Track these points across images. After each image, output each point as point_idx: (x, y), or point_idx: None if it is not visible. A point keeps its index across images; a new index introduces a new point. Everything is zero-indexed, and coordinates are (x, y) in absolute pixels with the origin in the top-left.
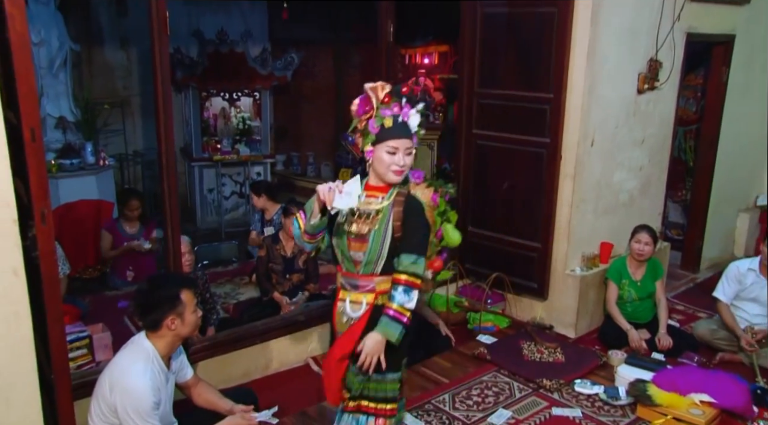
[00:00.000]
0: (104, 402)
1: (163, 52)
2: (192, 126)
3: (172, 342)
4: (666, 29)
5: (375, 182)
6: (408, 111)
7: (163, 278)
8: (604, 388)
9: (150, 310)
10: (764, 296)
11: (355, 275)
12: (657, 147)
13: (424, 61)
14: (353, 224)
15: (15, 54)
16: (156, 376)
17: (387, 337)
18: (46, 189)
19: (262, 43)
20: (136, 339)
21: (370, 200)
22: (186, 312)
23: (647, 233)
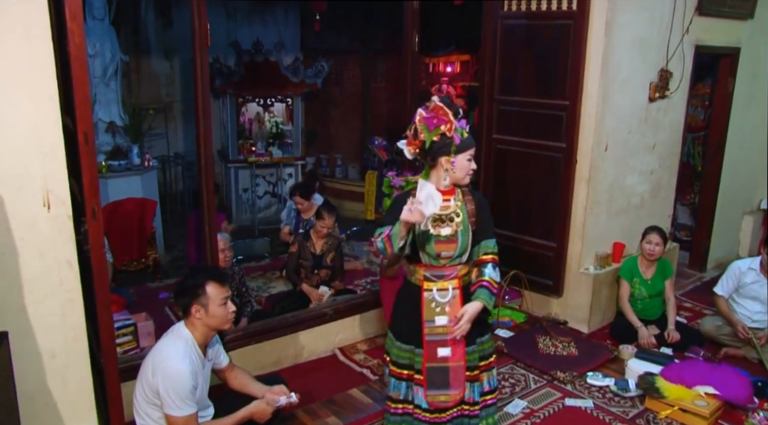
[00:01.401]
0: (147, 384)
1: (203, 61)
2: (229, 130)
3: (204, 331)
4: (676, 41)
5: (442, 186)
6: (465, 122)
7: (197, 269)
8: (615, 381)
9: (180, 296)
10: (764, 294)
11: (442, 268)
12: (667, 152)
13: (447, 69)
14: (438, 228)
15: (73, 65)
16: (194, 362)
17: (485, 304)
18: (97, 188)
19: (294, 52)
20: (176, 327)
21: (445, 205)
22: (210, 304)
23: (657, 234)
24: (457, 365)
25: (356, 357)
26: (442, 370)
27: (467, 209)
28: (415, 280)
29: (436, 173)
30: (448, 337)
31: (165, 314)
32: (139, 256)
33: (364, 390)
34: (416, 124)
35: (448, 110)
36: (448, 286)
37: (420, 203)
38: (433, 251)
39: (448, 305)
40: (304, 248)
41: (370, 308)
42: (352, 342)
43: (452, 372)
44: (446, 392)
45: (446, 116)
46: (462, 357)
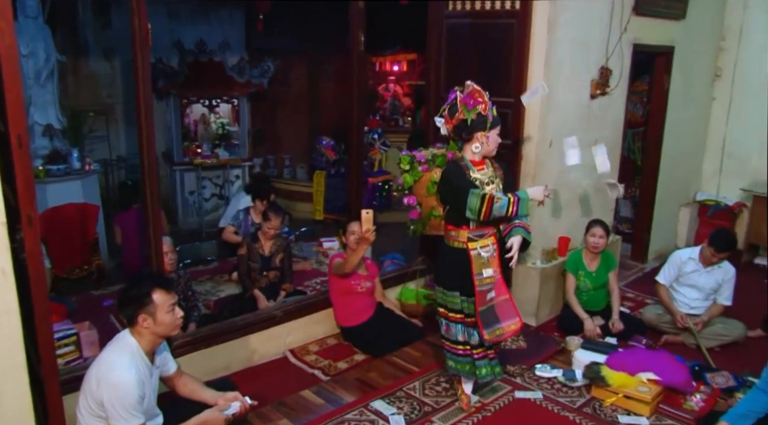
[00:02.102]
0: (91, 397)
1: (144, 62)
2: (173, 132)
3: (151, 339)
4: (615, 40)
5: (476, 158)
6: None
7: (140, 277)
8: (563, 371)
9: (124, 306)
10: (702, 283)
11: (483, 227)
12: (609, 148)
13: (394, 68)
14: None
15: (4, 65)
16: (140, 371)
17: (525, 236)
18: (32, 194)
19: (240, 52)
20: (120, 335)
21: (482, 172)
22: (158, 312)
23: (601, 227)
24: (502, 299)
25: (307, 359)
26: (490, 310)
27: (498, 174)
28: (459, 244)
29: (469, 147)
30: (495, 285)
31: (110, 323)
32: (82, 263)
33: (315, 390)
34: (456, 103)
35: (483, 92)
36: (488, 242)
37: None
38: (476, 216)
39: (491, 258)
40: (253, 250)
41: (320, 309)
42: (303, 344)
43: (498, 308)
44: (499, 326)
45: (482, 97)
46: (505, 290)
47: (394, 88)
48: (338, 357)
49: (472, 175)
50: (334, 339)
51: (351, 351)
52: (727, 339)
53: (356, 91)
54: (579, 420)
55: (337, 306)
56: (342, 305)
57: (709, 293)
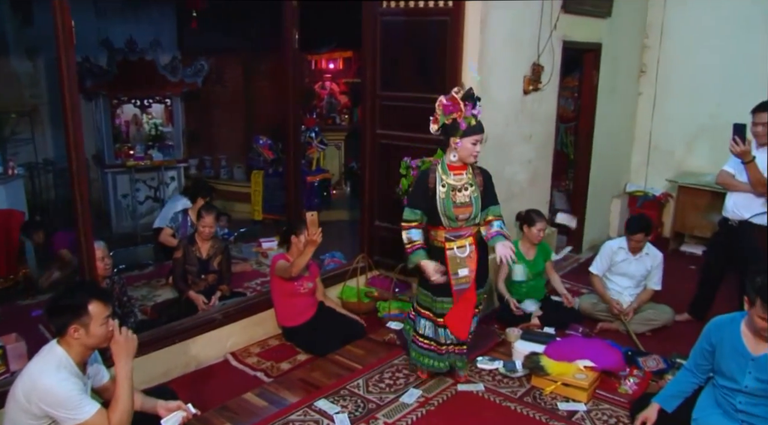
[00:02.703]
0: (23, 412)
1: (69, 61)
2: (104, 133)
3: (80, 350)
4: (545, 37)
5: (455, 162)
6: (480, 110)
7: (76, 286)
8: (503, 363)
9: (56, 315)
10: (632, 271)
11: (459, 228)
12: (542, 142)
13: (330, 66)
14: (455, 195)
15: None
16: (71, 375)
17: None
18: None
19: (172, 51)
20: (47, 346)
21: (458, 177)
22: (92, 324)
23: (543, 221)
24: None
25: (249, 361)
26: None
27: (476, 180)
28: (438, 243)
29: (449, 151)
30: (469, 284)
31: (39, 334)
32: (7, 272)
33: (258, 393)
34: (439, 106)
35: (462, 101)
36: (465, 243)
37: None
38: (453, 214)
39: (467, 258)
40: (190, 253)
41: (260, 310)
42: (244, 346)
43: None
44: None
45: (457, 105)
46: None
47: (330, 87)
48: (280, 358)
49: (444, 180)
50: (275, 339)
51: (293, 351)
52: (657, 324)
53: (292, 90)
54: (520, 409)
55: (279, 307)
56: (284, 306)
57: (639, 280)
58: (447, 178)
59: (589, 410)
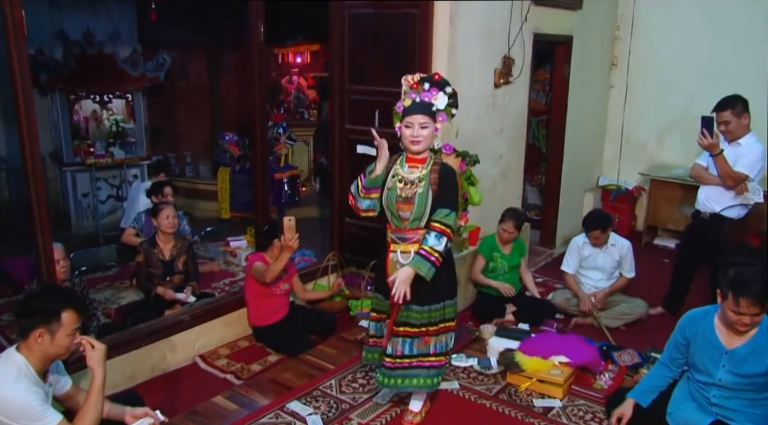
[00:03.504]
0: None
1: (20, 54)
2: (61, 130)
3: (41, 357)
4: (516, 29)
5: (411, 155)
6: (432, 93)
7: (53, 289)
8: (478, 360)
9: (25, 315)
10: (601, 263)
11: (404, 230)
12: (514, 136)
13: (297, 60)
14: (401, 189)
15: None
16: (32, 384)
17: (417, 270)
18: None
19: (132, 44)
20: (5, 352)
21: (413, 170)
22: (59, 332)
23: (512, 222)
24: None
25: (218, 363)
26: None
27: (430, 177)
28: (388, 240)
29: None
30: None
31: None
32: None
33: (228, 396)
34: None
35: (406, 83)
36: (410, 249)
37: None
38: (395, 210)
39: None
40: (152, 256)
41: (229, 310)
42: (213, 348)
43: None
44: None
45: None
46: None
47: (297, 81)
48: (251, 360)
49: (397, 170)
50: (245, 341)
51: (264, 352)
52: (631, 318)
53: (258, 85)
54: (496, 407)
55: (252, 306)
56: (257, 305)
57: (611, 271)
58: (401, 169)
59: (564, 406)
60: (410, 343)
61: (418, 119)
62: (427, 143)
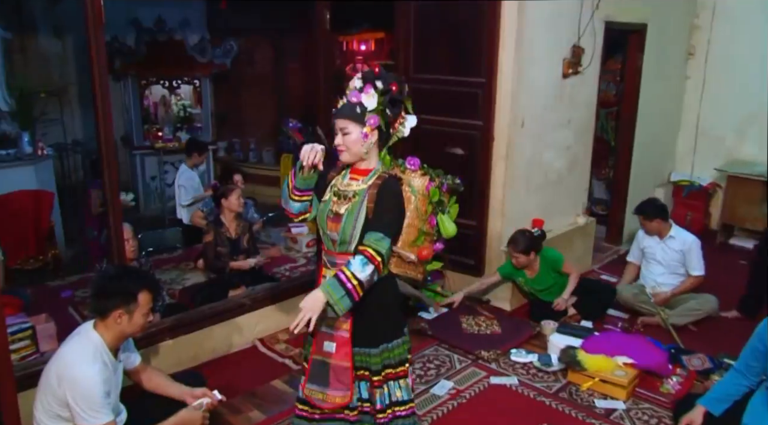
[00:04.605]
0: (52, 395)
1: (99, 40)
2: (132, 114)
3: (117, 336)
4: (586, 18)
5: (355, 165)
6: (357, 93)
7: (130, 271)
8: (538, 356)
9: (103, 297)
10: (660, 256)
11: (334, 253)
12: (582, 128)
13: (361, 47)
14: (334, 203)
15: None
16: (105, 366)
17: (327, 297)
18: None
19: (201, 31)
20: (82, 329)
21: (351, 183)
22: (136, 312)
23: (512, 247)
24: (340, 364)
25: (277, 348)
26: (324, 365)
27: (368, 192)
28: (320, 263)
29: None
30: (334, 332)
31: (69, 315)
32: (37, 253)
33: (286, 380)
34: None
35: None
36: None
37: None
38: (325, 228)
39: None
40: (220, 235)
41: (289, 296)
42: (272, 332)
43: (333, 371)
44: (323, 390)
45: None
46: (347, 357)
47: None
48: None
49: (336, 182)
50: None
51: None
52: (700, 314)
53: (322, 72)
54: (555, 405)
55: None
56: None
57: (673, 266)
58: (341, 180)
59: (628, 408)
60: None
61: (338, 123)
62: (355, 151)
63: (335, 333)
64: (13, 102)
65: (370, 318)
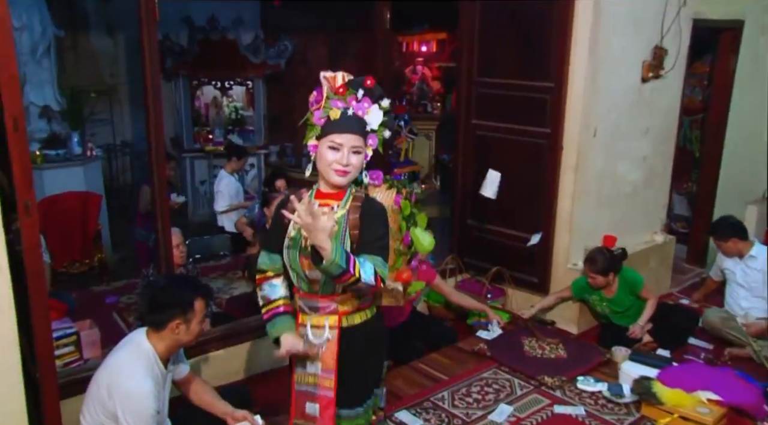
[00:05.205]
0: (101, 405)
1: (152, 39)
2: (182, 116)
3: (172, 345)
4: (671, 16)
5: (326, 187)
6: (365, 105)
7: (183, 281)
8: (608, 385)
9: (160, 308)
10: (740, 278)
11: (315, 296)
12: (662, 137)
13: (422, 48)
14: (305, 239)
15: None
16: (157, 380)
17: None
18: (29, 180)
19: (254, 30)
20: (134, 339)
21: (324, 210)
22: (194, 321)
23: (590, 266)
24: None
25: None
26: None
27: (348, 218)
28: (295, 308)
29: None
30: (318, 391)
31: (113, 321)
32: (83, 257)
33: None
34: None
35: (329, 84)
36: (324, 323)
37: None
38: (299, 268)
39: (321, 349)
40: None
41: None
42: None
43: None
44: None
45: (320, 94)
46: (331, 421)
47: (422, 71)
48: None
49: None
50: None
51: None
52: None
53: (381, 73)
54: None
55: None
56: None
57: (757, 289)
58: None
59: None
60: None
61: (350, 139)
62: (355, 174)
63: (318, 392)
64: (64, 101)
65: (355, 370)
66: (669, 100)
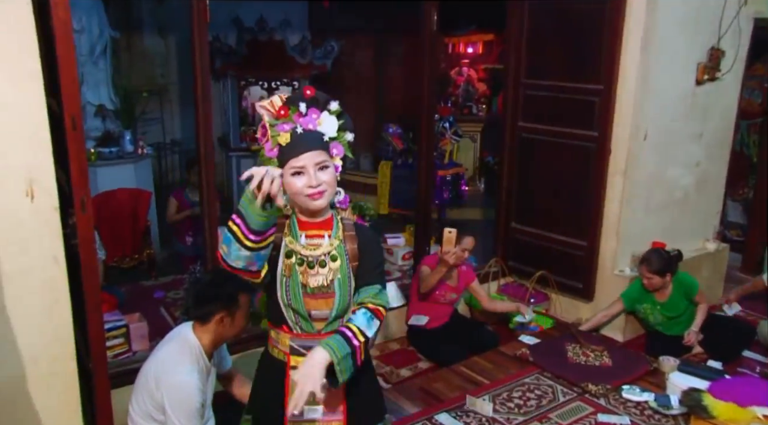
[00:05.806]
0: (149, 396)
1: (202, 40)
2: (230, 115)
3: (216, 339)
4: (730, 15)
5: (307, 217)
6: (312, 117)
7: (227, 275)
8: (655, 396)
9: (205, 302)
10: None
11: (315, 335)
12: (716, 142)
13: (468, 50)
14: (308, 276)
15: (58, 42)
16: (202, 373)
17: (331, 355)
18: (86, 177)
19: (302, 31)
20: (180, 332)
21: (316, 242)
22: (238, 314)
23: (646, 267)
24: None
25: None
26: None
27: (347, 248)
28: (279, 353)
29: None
30: None
31: (160, 315)
32: (133, 252)
33: None
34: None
35: (268, 112)
36: None
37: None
38: (303, 308)
39: (323, 391)
40: None
41: None
42: None
43: None
44: None
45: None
46: None
47: (468, 73)
48: (401, 364)
49: (292, 247)
50: (396, 343)
51: (415, 357)
52: None
53: (427, 75)
54: None
55: (413, 306)
56: (418, 307)
57: None
58: (295, 244)
59: None
60: None
61: (310, 157)
62: (332, 192)
63: None
64: (118, 100)
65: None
66: (725, 103)
